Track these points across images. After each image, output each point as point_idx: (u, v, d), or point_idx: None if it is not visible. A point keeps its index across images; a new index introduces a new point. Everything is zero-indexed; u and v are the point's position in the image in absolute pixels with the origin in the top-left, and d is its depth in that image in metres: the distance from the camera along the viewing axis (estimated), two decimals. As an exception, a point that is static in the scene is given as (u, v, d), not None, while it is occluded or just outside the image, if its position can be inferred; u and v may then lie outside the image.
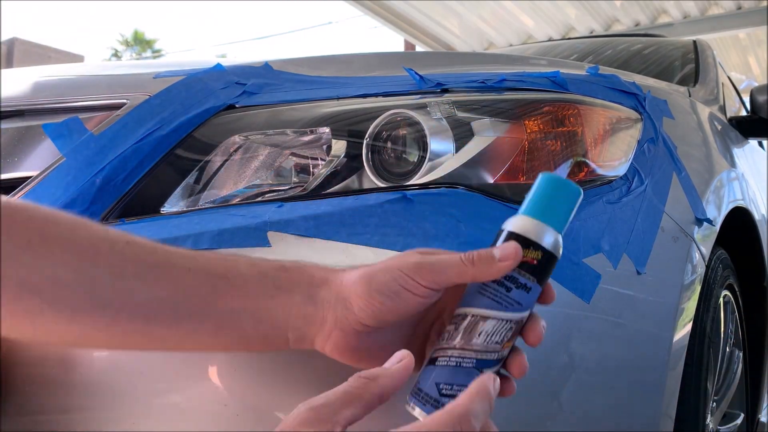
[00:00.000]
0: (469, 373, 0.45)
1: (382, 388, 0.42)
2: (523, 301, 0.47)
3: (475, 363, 0.46)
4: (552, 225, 0.48)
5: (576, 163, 0.76)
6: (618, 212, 0.76)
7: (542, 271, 0.47)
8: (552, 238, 0.47)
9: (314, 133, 0.74)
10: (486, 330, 0.46)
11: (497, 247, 0.47)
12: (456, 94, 0.76)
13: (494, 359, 0.46)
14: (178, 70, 0.85)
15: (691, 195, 0.93)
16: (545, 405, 0.64)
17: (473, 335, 0.46)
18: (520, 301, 0.47)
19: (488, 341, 0.46)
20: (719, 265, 1.05)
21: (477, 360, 0.46)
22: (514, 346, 0.49)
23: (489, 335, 0.46)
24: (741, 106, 2.29)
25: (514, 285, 0.46)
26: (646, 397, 0.75)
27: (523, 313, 0.47)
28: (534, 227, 0.47)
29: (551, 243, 0.47)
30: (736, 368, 1.28)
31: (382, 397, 0.42)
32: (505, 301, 0.46)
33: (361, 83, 0.81)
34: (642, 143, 0.87)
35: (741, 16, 5.98)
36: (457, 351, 0.46)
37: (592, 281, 0.68)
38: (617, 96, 0.89)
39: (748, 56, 7.74)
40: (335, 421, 0.39)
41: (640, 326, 0.74)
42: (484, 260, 0.46)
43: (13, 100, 0.84)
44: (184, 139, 0.74)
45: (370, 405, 0.42)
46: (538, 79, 0.82)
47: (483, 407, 0.42)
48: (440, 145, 0.70)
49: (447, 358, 0.46)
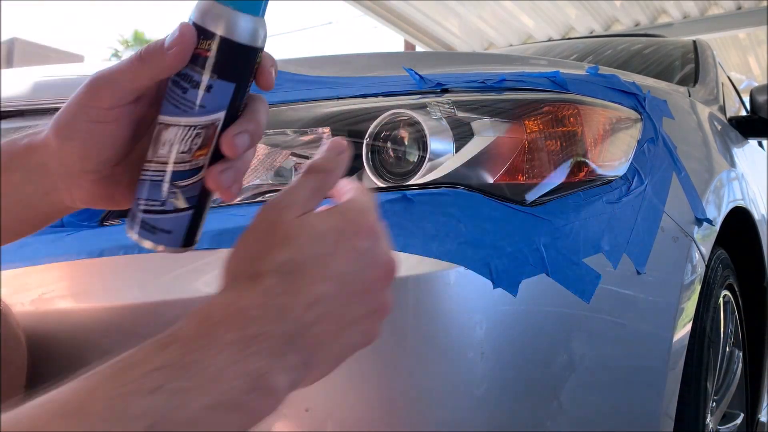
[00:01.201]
0: (159, 186, 0.41)
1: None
2: (207, 102, 0.39)
3: (166, 175, 0.40)
4: (236, 6, 0.38)
5: (576, 163, 0.76)
6: (618, 212, 0.76)
7: (223, 63, 0.39)
8: (232, 23, 0.38)
9: (314, 133, 0.74)
10: (168, 139, 0.40)
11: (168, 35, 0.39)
12: (456, 94, 0.76)
13: (187, 170, 0.40)
14: (178, 70, 0.85)
15: (691, 195, 0.93)
16: (545, 405, 0.64)
17: (158, 145, 0.40)
18: (203, 103, 0.39)
19: (172, 151, 0.40)
20: (719, 265, 1.06)
21: (167, 172, 0.40)
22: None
23: (172, 144, 0.40)
24: (741, 106, 2.29)
25: (188, 83, 0.39)
26: (646, 397, 0.75)
27: (208, 116, 0.39)
28: (209, 9, 0.38)
29: (229, 27, 0.38)
30: (736, 368, 1.28)
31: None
32: (182, 104, 0.39)
33: (361, 83, 0.81)
34: (642, 143, 0.87)
35: (741, 16, 5.98)
36: (151, 164, 0.41)
37: (592, 281, 0.68)
38: (617, 96, 0.89)
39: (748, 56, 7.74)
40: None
41: (640, 326, 0.74)
42: (153, 53, 0.39)
43: (13, 100, 0.84)
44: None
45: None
46: (538, 79, 0.82)
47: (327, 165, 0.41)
48: (440, 145, 0.70)
49: (143, 173, 0.41)
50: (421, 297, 0.59)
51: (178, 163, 0.40)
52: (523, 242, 0.65)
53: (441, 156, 0.70)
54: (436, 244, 0.62)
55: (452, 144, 0.71)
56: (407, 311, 0.59)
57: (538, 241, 0.65)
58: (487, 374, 0.61)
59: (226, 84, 0.39)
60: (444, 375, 0.59)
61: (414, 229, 0.63)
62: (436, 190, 0.67)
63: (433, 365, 0.59)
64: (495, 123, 0.74)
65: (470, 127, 0.73)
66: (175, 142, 0.40)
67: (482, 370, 0.60)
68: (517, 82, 0.80)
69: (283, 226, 0.37)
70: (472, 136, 0.72)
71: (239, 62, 0.39)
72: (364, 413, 0.58)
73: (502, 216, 0.66)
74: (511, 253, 0.63)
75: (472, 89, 0.78)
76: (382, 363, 0.59)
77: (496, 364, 0.61)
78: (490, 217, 0.66)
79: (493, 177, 0.71)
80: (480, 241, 0.63)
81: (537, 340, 0.64)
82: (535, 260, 0.64)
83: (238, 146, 0.40)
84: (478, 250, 0.62)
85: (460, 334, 0.60)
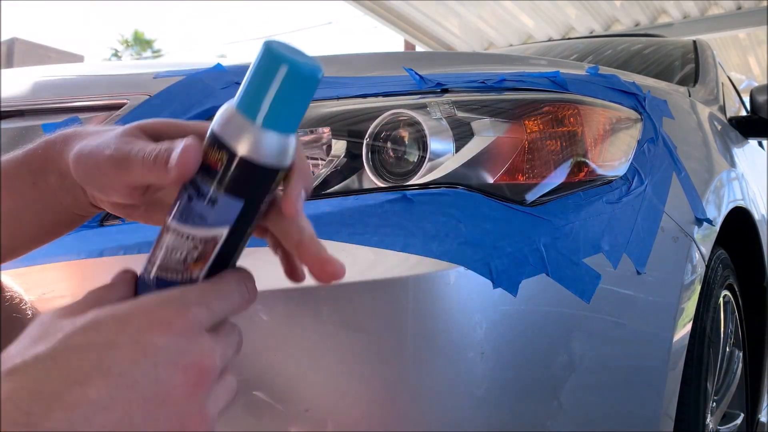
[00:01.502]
0: (148, 289, 0.38)
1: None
2: (209, 215, 0.35)
3: (156, 281, 0.37)
4: (259, 119, 0.34)
5: (576, 163, 0.76)
6: (618, 212, 0.76)
7: (234, 180, 0.35)
8: (254, 138, 0.34)
9: (314, 133, 0.74)
10: (167, 243, 0.37)
11: (179, 141, 0.36)
12: (456, 94, 0.76)
13: (177, 280, 0.37)
14: (178, 70, 0.85)
15: (691, 195, 0.93)
16: (545, 405, 0.64)
17: (158, 248, 0.38)
18: (203, 214, 0.35)
19: (168, 257, 0.37)
20: (719, 265, 1.06)
21: (158, 277, 0.37)
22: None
23: (169, 250, 0.37)
24: (741, 106, 2.29)
25: (194, 191, 0.36)
26: (646, 397, 0.75)
27: (209, 230, 0.36)
28: (231, 120, 0.34)
29: (251, 144, 0.34)
30: (736, 368, 1.28)
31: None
32: (186, 212, 0.36)
33: (361, 83, 0.81)
34: (642, 143, 0.87)
35: (741, 16, 5.97)
36: (148, 264, 0.38)
37: (592, 281, 0.68)
38: (617, 96, 0.89)
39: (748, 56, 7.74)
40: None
41: (640, 326, 0.74)
42: (160, 161, 0.35)
43: (13, 100, 0.84)
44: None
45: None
46: (538, 79, 0.82)
47: (207, 297, 0.35)
48: (440, 145, 0.70)
49: (143, 269, 0.39)
50: (421, 297, 0.59)
51: (170, 270, 0.37)
52: (523, 242, 0.65)
53: (441, 156, 0.70)
54: (436, 244, 0.62)
55: (452, 144, 0.71)
56: (407, 311, 0.59)
57: (538, 241, 0.65)
58: (487, 374, 0.61)
59: (234, 200, 0.36)
60: (444, 375, 0.59)
61: (414, 229, 0.63)
62: (436, 190, 0.67)
63: (433, 365, 0.59)
64: (495, 123, 0.74)
65: (470, 127, 0.73)
66: (172, 249, 0.37)
67: (482, 370, 0.60)
68: (517, 82, 0.80)
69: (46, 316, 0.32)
70: (472, 136, 0.72)
71: (253, 181, 0.35)
72: (364, 413, 0.58)
73: (502, 216, 0.66)
74: (511, 253, 0.63)
75: (472, 89, 0.78)
76: (382, 363, 0.59)
77: (496, 364, 0.61)
78: (490, 217, 0.66)
79: (493, 177, 0.71)
80: (480, 241, 0.63)
81: (537, 340, 0.64)
82: (535, 260, 0.64)
83: (298, 207, 0.37)
84: (478, 250, 0.62)
85: (460, 334, 0.60)
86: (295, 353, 0.59)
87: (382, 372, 0.59)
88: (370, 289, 0.59)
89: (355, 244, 0.61)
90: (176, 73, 0.83)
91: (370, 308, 0.59)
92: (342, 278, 0.37)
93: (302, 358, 0.58)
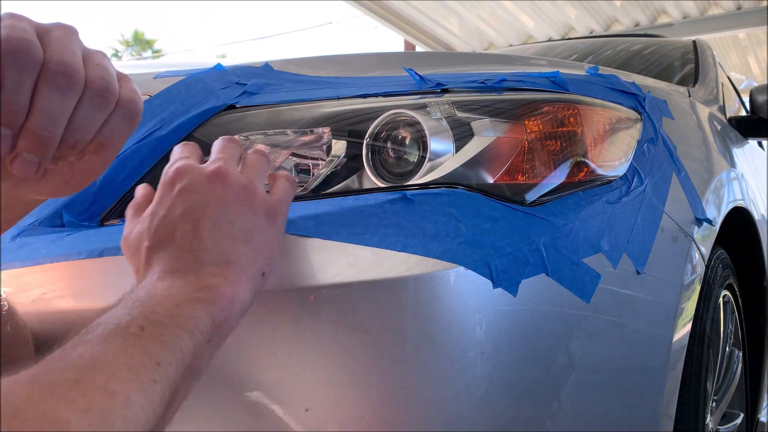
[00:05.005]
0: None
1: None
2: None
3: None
4: None
5: (576, 163, 0.76)
6: (618, 212, 0.76)
7: None
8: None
9: (314, 133, 0.74)
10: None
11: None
12: (456, 94, 0.76)
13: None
14: (178, 70, 0.85)
15: (691, 195, 0.93)
16: (545, 405, 0.64)
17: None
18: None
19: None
20: (719, 265, 1.06)
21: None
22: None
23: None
24: (741, 106, 2.29)
25: None
26: (646, 397, 0.75)
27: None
28: None
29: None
30: (736, 368, 1.28)
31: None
32: None
33: (361, 83, 0.81)
34: (642, 143, 0.87)
35: (741, 16, 5.98)
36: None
37: (592, 281, 0.68)
38: (617, 96, 0.89)
39: (748, 56, 7.74)
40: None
41: (640, 326, 0.74)
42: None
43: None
44: (185, 139, 0.74)
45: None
46: (537, 79, 0.82)
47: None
48: (440, 145, 0.71)
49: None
50: (421, 297, 0.59)
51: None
52: (523, 242, 0.65)
53: (441, 156, 0.70)
54: (436, 244, 0.62)
55: (452, 144, 0.71)
56: (407, 311, 0.59)
57: (538, 241, 0.66)
58: (487, 374, 0.61)
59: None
60: (444, 375, 0.59)
61: (414, 229, 0.63)
62: (436, 190, 0.67)
63: (433, 365, 0.59)
64: (495, 123, 0.74)
65: (470, 127, 0.73)
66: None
67: (482, 370, 0.60)
68: (517, 82, 0.80)
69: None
70: (472, 136, 0.72)
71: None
72: (364, 413, 0.58)
73: (502, 216, 0.66)
74: (511, 253, 0.63)
75: (472, 89, 0.78)
76: (382, 363, 0.59)
77: (496, 364, 0.61)
78: (490, 217, 0.66)
79: (493, 177, 0.71)
80: (480, 241, 0.63)
81: (537, 340, 0.64)
82: (535, 260, 0.64)
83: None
84: (478, 250, 0.62)
85: (460, 334, 0.60)
86: (295, 353, 0.59)
87: (382, 372, 0.59)
88: (370, 289, 0.59)
89: (355, 244, 0.61)
90: (176, 73, 0.83)
91: (370, 308, 0.59)
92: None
93: (302, 358, 0.58)
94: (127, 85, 0.47)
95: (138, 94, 0.47)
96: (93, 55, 0.44)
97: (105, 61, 0.45)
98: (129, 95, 0.46)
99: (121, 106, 0.45)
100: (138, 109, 0.47)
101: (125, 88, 0.46)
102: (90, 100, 0.42)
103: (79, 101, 0.42)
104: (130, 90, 0.46)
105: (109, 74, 0.44)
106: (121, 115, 0.45)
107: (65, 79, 0.40)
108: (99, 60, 0.44)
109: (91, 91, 0.42)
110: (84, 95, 0.42)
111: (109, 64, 0.46)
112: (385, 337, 0.59)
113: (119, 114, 0.45)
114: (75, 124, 0.42)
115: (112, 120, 0.45)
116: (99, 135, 0.44)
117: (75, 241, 0.68)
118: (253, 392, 0.59)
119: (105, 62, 0.45)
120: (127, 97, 0.46)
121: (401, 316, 0.59)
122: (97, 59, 0.44)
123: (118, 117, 0.45)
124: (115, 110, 0.45)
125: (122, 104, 0.45)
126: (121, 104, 0.45)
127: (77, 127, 0.42)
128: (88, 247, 0.66)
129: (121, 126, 0.46)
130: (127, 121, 0.46)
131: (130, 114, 0.46)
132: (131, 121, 0.46)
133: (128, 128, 0.46)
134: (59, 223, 0.71)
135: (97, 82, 0.43)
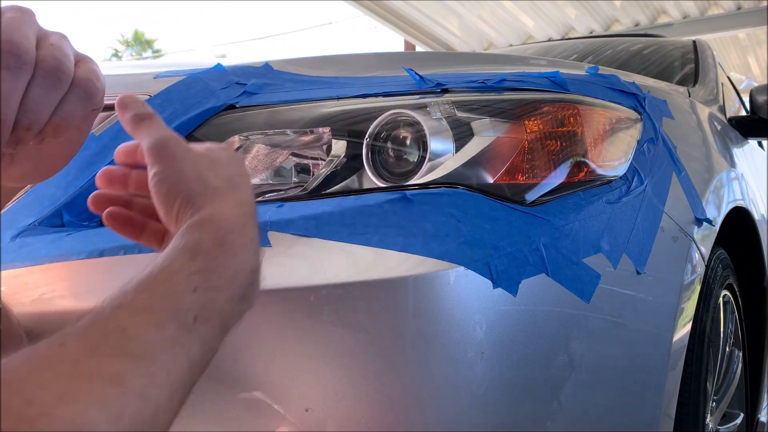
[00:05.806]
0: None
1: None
2: None
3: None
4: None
5: (576, 163, 0.76)
6: (618, 212, 0.76)
7: None
8: None
9: (314, 133, 0.74)
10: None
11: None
12: (456, 94, 0.76)
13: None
14: (178, 70, 0.85)
15: (691, 195, 0.93)
16: (545, 404, 0.64)
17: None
18: None
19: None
20: (719, 265, 1.06)
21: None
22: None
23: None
24: (741, 106, 2.29)
25: None
26: (646, 397, 0.75)
27: None
28: None
29: None
30: (736, 368, 1.28)
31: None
32: None
33: (361, 83, 0.81)
34: (642, 143, 0.87)
35: (741, 16, 5.97)
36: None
37: (592, 281, 0.68)
38: (617, 96, 0.89)
39: (748, 56, 7.74)
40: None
41: (640, 326, 0.74)
42: None
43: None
44: (185, 139, 0.74)
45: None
46: (537, 79, 0.82)
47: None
48: (440, 145, 0.70)
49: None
50: (421, 297, 0.59)
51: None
52: (523, 242, 0.65)
53: (441, 156, 0.70)
54: (436, 244, 0.62)
55: (452, 144, 0.71)
56: (407, 311, 0.59)
57: (538, 241, 0.66)
58: (487, 374, 0.61)
59: None
60: (444, 375, 0.59)
61: (414, 229, 0.63)
62: (436, 190, 0.67)
63: (433, 365, 0.59)
64: (495, 123, 0.74)
65: (470, 127, 0.73)
66: None
67: (482, 370, 0.60)
68: (517, 82, 0.80)
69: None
70: (472, 136, 0.72)
71: None
72: (364, 413, 0.58)
73: (502, 216, 0.66)
74: (511, 253, 0.63)
75: (472, 89, 0.78)
76: (382, 363, 0.59)
77: (496, 364, 0.61)
78: (490, 217, 0.66)
79: (493, 177, 0.71)
80: (480, 241, 0.63)
81: (537, 340, 0.64)
82: (535, 260, 0.64)
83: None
84: (478, 250, 0.62)
85: (460, 334, 0.60)
86: (295, 353, 0.59)
87: (382, 372, 0.59)
88: (370, 289, 0.59)
89: (355, 244, 0.61)
90: (176, 73, 0.83)
91: (370, 308, 0.59)
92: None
93: (302, 358, 0.58)
94: (86, 66, 0.45)
95: (97, 74, 0.46)
96: (48, 36, 0.43)
97: (61, 41, 0.44)
98: (85, 74, 0.45)
99: (77, 85, 0.44)
100: (95, 89, 0.45)
101: (82, 68, 0.45)
102: (41, 80, 0.41)
103: (30, 81, 0.41)
104: (87, 70, 0.45)
105: (62, 53, 0.43)
106: (77, 95, 0.44)
107: (13, 59, 0.40)
108: (54, 40, 0.43)
109: (42, 71, 0.42)
110: (35, 75, 0.42)
111: (66, 44, 0.44)
112: (385, 337, 0.59)
113: (75, 94, 0.44)
114: (28, 104, 0.41)
115: (68, 100, 0.44)
116: (55, 116, 0.43)
117: (75, 241, 0.68)
118: (253, 392, 0.59)
119: (60, 42, 0.44)
120: (83, 76, 0.44)
121: (401, 316, 0.59)
122: (53, 39, 0.43)
123: (74, 97, 0.44)
124: (70, 90, 0.44)
125: (78, 83, 0.44)
126: (76, 83, 0.44)
127: (30, 107, 0.41)
128: (88, 247, 0.66)
129: (77, 106, 0.44)
130: (83, 101, 0.44)
131: (86, 94, 0.44)
132: (88, 102, 0.45)
133: (85, 108, 0.45)
134: (59, 223, 0.71)
135: (49, 60, 0.42)
